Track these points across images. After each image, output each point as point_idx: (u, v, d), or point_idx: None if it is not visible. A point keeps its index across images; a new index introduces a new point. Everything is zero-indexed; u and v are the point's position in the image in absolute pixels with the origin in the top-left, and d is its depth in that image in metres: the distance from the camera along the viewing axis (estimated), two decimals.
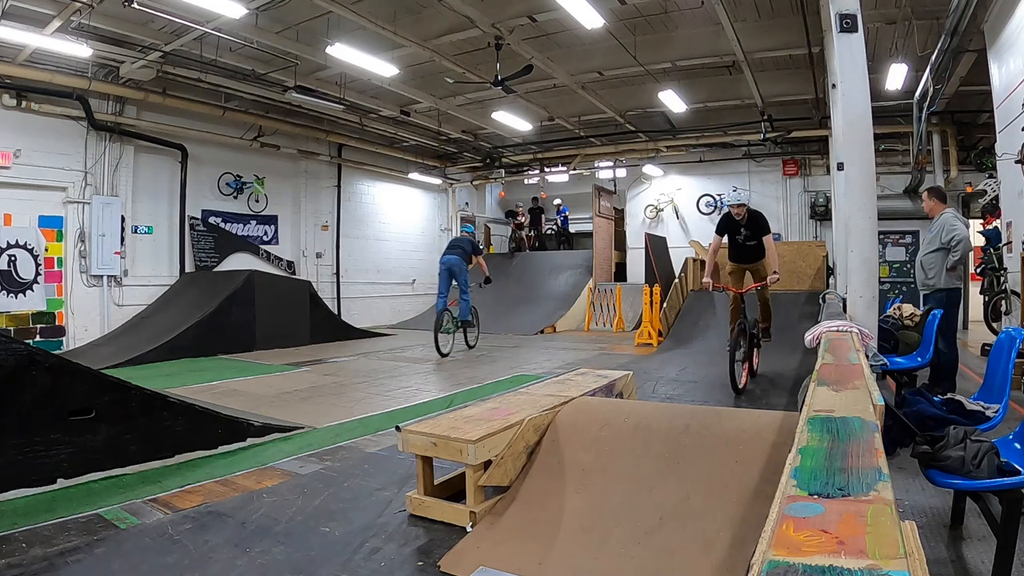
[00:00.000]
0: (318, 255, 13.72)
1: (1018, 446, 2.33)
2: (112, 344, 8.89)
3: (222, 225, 11.80)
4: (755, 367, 6.15)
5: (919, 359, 4.48)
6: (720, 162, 14.64)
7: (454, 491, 2.84)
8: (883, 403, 1.86)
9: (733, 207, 5.75)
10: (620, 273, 15.31)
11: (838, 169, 7.56)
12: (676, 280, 10.56)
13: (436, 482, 2.86)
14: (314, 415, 5.09)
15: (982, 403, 2.81)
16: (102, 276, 9.77)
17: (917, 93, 9.08)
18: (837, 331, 3.38)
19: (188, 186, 10.96)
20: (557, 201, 17.37)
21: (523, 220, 16.98)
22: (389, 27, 8.37)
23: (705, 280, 5.64)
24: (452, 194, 17.59)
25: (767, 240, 5.71)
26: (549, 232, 17.63)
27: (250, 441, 4.19)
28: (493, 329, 11.92)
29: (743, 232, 5.81)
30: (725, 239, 5.98)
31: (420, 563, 2.37)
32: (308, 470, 3.62)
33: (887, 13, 8.01)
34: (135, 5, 7.11)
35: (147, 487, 3.34)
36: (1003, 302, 7.58)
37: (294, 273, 12.91)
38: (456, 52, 9.52)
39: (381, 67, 9.23)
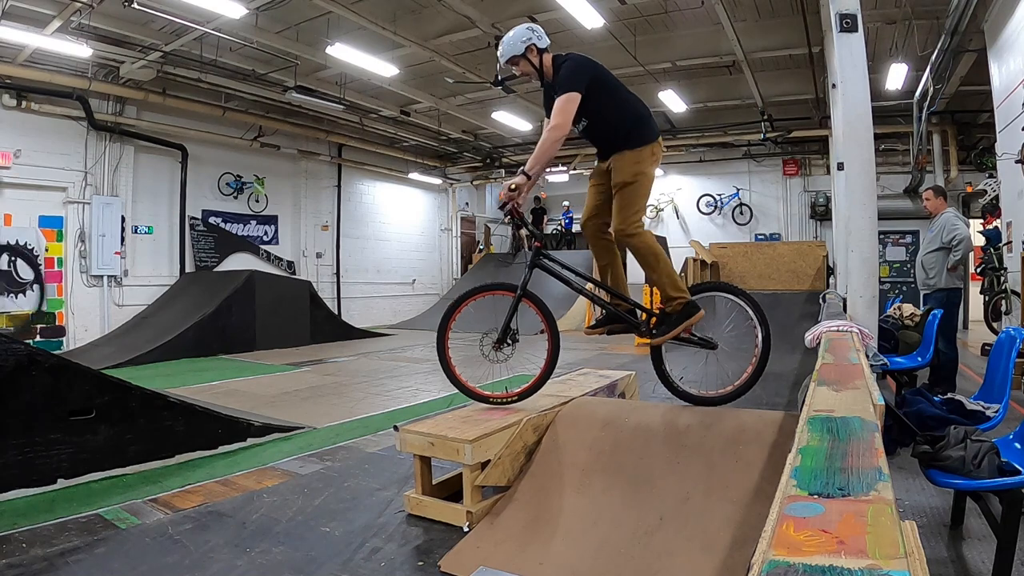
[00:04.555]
0: (318, 255, 13.72)
1: (1018, 446, 2.33)
2: (112, 344, 8.89)
3: (222, 225, 11.80)
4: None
5: (919, 359, 4.48)
6: (720, 162, 14.65)
7: (453, 491, 2.84)
8: (883, 403, 1.85)
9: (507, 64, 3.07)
10: None
11: (838, 169, 7.55)
12: None
13: (435, 482, 2.86)
14: (314, 415, 5.09)
15: (982, 403, 2.80)
16: (102, 276, 9.77)
17: (917, 93, 9.08)
18: (837, 331, 3.37)
19: (188, 186, 10.97)
20: (566, 203, 17.36)
21: None
22: (389, 27, 8.38)
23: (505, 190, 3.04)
24: (452, 194, 17.60)
25: (559, 103, 2.91)
26: (555, 232, 17.63)
27: (250, 441, 4.19)
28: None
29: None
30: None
31: (420, 563, 2.37)
32: (308, 470, 3.62)
33: (887, 13, 8.01)
34: (135, 5, 7.12)
35: (147, 487, 3.34)
36: (1003, 302, 7.58)
37: (294, 273, 12.92)
38: (456, 52, 9.52)
39: (381, 67, 9.24)
